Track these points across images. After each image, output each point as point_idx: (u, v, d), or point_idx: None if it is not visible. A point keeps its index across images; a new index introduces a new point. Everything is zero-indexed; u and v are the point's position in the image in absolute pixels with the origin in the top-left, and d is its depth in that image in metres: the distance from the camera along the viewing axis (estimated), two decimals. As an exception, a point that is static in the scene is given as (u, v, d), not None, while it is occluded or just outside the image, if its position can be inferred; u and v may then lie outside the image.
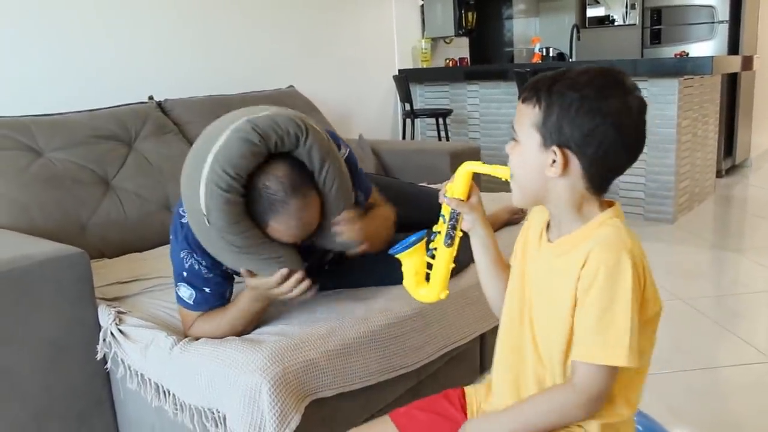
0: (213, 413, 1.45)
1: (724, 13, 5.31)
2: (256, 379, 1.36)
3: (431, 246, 1.21)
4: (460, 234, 1.18)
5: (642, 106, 0.97)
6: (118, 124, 2.49)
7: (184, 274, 1.58)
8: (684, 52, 5.20)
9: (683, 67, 3.94)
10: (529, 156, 0.99)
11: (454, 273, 1.24)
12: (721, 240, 3.90)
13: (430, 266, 1.22)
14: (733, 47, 5.38)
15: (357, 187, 1.73)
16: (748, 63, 4.73)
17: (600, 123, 0.93)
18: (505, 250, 1.22)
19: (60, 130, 2.33)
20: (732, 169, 5.78)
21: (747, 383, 2.15)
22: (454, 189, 1.15)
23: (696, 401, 2.04)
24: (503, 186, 1.17)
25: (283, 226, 1.44)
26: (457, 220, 1.17)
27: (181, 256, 1.57)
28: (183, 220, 1.54)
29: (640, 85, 4.01)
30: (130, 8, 3.03)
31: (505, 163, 1.07)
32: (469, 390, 1.23)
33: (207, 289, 1.58)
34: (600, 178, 0.98)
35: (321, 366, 1.47)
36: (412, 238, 1.20)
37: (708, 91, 4.49)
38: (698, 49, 5.46)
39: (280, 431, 1.35)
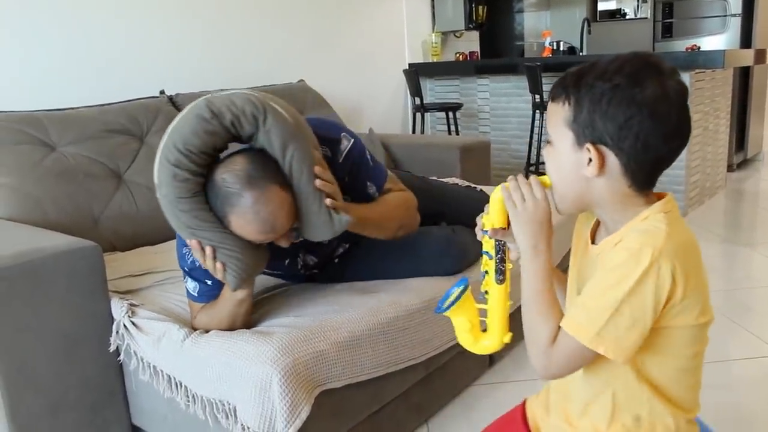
0: (224, 405, 1.47)
1: (737, 6, 5.27)
2: (266, 371, 1.38)
3: (482, 288, 1.10)
4: (511, 266, 1.07)
5: (682, 90, 0.89)
6: (130, 119, 2.51)
7: (187, 268, 1.61)
8: (695, 45, 5.16)
9: (694, 61, 3.91)
10: (564, 157, 0.93)
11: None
12: (732, 234, 3.88)
13: (483, 313, 1.10)
14: (746, 40, 5.34)
15: (367, 180, 1.73)
16: (761, 56, 4.69)
17: (635, 113, 0.86)
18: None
19: (72, 124, 2.35)
20: (744, 163, 5.74)
21: (757, 377, 2.15)
22: (492, 219, 1.04)
23: (706, 395, 2.04)
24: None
25: (242, 220, 1.40)
26: (504, 252, 1.06)
27: (184, 251, 1.60)
28: None
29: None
30: (141, 3, 3.05)
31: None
32: (529, 401, 1.18)
33: (209, 281, 1.61)
34: (643, 173, 0.90)
35: (331, 357, 1.48)
36: (453, 289, 1.10)
37: (719, 85, 4.46)
38: (710, 42, 5.42)
39: (290, 422, 1.37)
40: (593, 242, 1.01)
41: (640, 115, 0.86)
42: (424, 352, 1.72)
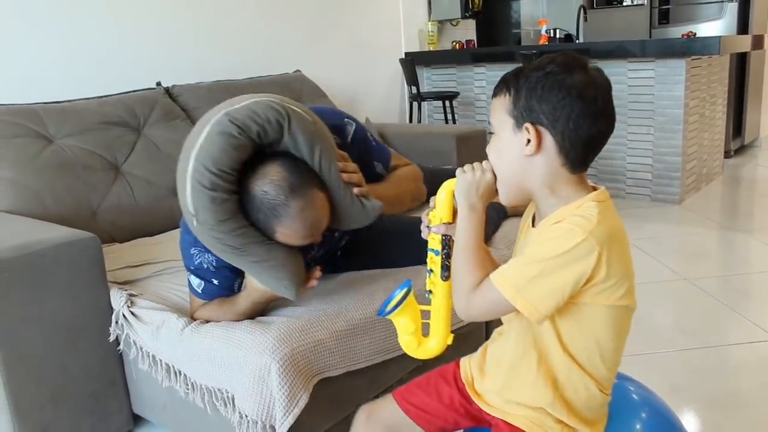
0: (222, 393, 1.49)
1: (733, -9, 5.26)
2: (265, 360, 1.39)
3: (427, 287, 1.12)
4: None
5: (605, 82, 1.00)
6: (127, 111, 2.52)
7: (193, 267, 1.59)
8: (691, 32, 5.15)
9: (690, 48, 3.92)
10: (505, 143, 1.03)
11: None
12: (729, 220, 3.89)
13: (426, 315, 1.12)
14: (743, 26, 5.33)
15: (374, 159, 1.75)
16: (758, 42, 4.69)
17: (566, 95, 0.96)
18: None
19: (70, 117, 2.36)
20: (741, 149, 5.76)
21: (753, 361, 2.17)
22: (438, 214, 1.10)
23: (701, 379, 2.07)
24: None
25: (290, 230, 1.40)
26: (450, 248, 1.09)
27: (192, 251, 1.57)
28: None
29: (647, 65, 4.03)
30: (136, -5, 3.05)
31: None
32: (463, 361, 1.25)
33: (215, 281, 1.59)
34: (575, 152, 0.99)
35: (329, 346, 1.50)
36: (396, 292, 1.11)
37: (716, 71, 4.46)
38: (707, 28, 5.41)
39: (288, 410, 1.39)
40: (533, 226, 1.10)
41: (570, 97, 0.97)
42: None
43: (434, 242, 1.11)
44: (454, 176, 1.10)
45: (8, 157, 2.14)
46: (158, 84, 2.82)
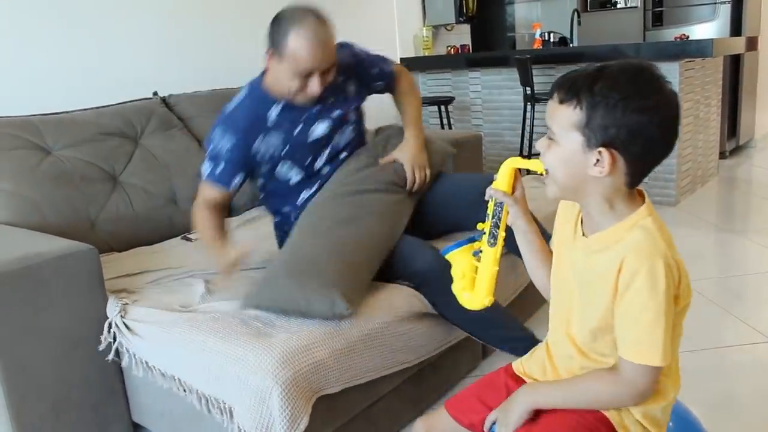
0: (218, 402, 1.49)
1: (726, -7, 5.29)
2: (267, 383, 1.39)
3: (477, 247, 1.18)
4: (503, 234, 1.16)
5: (676, 100, 0.99)
6: (124, 121, 2.53)
7: (211, 147, 1.88)
8: (684, 35, 5.18)
9: (683, 50, 3.94)
10: (571, 156, 1.00)
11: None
12: (724, 222, 3.91)
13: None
14: (736, 27, 5.35)
15: (379, 61, 2.20)
16: (752, 44, 4.71)
17: (645, 122, 0.95)
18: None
19: (67, 128, 2.38)
20: (736, 150, 5.78)
21: (748, 363, 2.18)
22: (499, 183, 1.16)
23: (696, 382, 2.08)
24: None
25: (301, 38, 1.70)
26: (500, 218, 1.15)
27: (214, 133, 1.88)
28: (231, 107, 1.92)
29: (641, 68, 4.03)
30: (132, 6, 3.06)
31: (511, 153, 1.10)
32: (516, 365, 1.28)
33: (221, 166, 1.86)
34: (640, 173, 1.00)
35: (329, 365, 1.49)
36: (465, 241, 1.18)
37: (710, 73, 4.49)
38: (701, 30, 5.44)
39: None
40: (583, 232, 1.10)
41: (651, 124, 0.95)
42: (419, 355, 1.74)
43: (490, 209, 1.17)
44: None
45: (7, 169, 2.15)
46: (155, 94, 2.83)
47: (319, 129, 1.94)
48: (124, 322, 1.71)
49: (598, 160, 0.98)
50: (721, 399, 1.98)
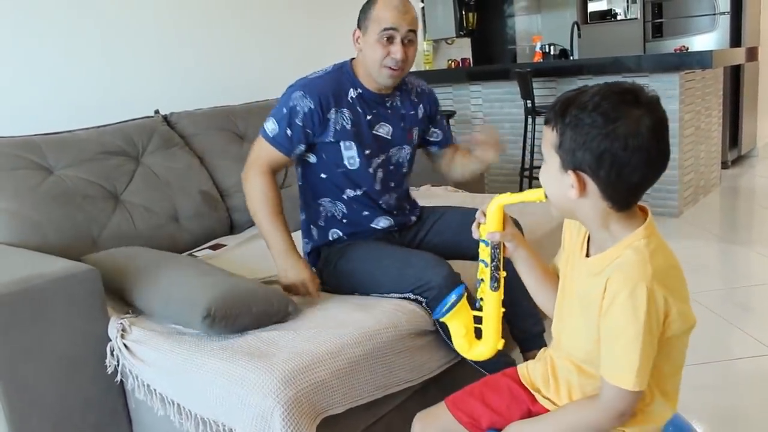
0: (218, 426, 1.48)
1: (725, 4, 5.30)
2: (269, 403, 1.37)
3: (478, 295, 1.17)
4: (504, 274, 1.16)
5: (657, 122, 0.95)
6: (126, 140, 2.54)
7: (284, 110, 1.84)
8: (683, 46, 5.19)
9: (684, 62, 3.95)
10: (554, 178, 1.02)
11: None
12: (728, 232, 3.90)
13: (478, 320, 1.18)
14: (736, 38, 5.37)
15: (441, 118, 2.18)
16: (752, 54, 4.72)
17: (607, 147, 0.94)
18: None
19: (69, 147, 2.38)
20: (738, 160, 5.77)
21: (754, 376, 2.16)
22: (490, 225, 1.15)
23: (702, 395, 2.06)
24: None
25: (387, 1, 1.82)
26: (498, 261, 1.14)
27: (292, 95, 1.85)
28: (312, 76, 1.97)
29: (641, 81, 4.03)
30: (133, 24, 3.08)
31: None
32: (521, 368, 1.28)
33: (290, 129, 1.83)
34: (620, 197, 0.99)
35: (331, 385, 1.48)
36: (452, 296, 1.17)
37: (710, 84, 4.50)
38: (700, 41, 5.46)
39: None
40: (587, 252, 1.11)
41: (613, 149, 0.94)
42: (421, 374, 1.73)
43: (484, 253, 1.16)
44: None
45: (9, 188, 2.15)
46: (156, 112, 2.84)
47: (384, 129, 1.97)
48: (124, 344, 1.70)
49: (572, 184, 0.98)
50: (727, 412, 1.97)
